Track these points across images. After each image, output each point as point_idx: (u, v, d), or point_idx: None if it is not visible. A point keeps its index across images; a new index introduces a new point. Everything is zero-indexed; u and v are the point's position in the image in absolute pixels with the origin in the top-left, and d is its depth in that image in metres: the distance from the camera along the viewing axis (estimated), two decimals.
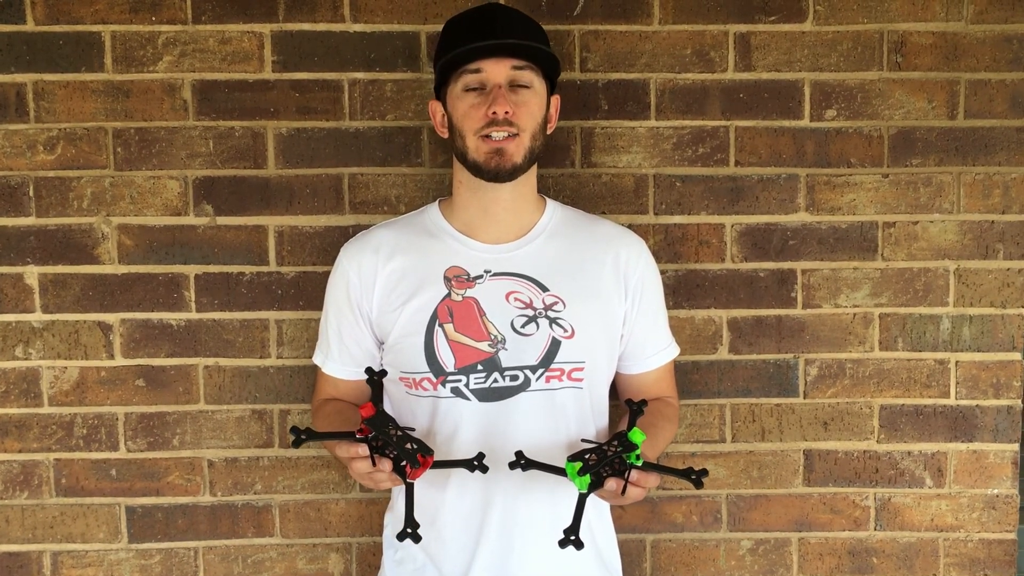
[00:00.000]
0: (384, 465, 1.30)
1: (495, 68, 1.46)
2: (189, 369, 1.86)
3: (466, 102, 1.48)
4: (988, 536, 1.92)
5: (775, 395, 1.90)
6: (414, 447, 1.33)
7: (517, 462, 1.36)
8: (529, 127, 1.48)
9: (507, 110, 1.44)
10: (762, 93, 1.85)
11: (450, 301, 1.51)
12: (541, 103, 1.51)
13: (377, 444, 1.32)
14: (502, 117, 1.45)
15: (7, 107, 1.81)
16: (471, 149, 1.48)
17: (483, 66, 1.46)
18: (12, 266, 1.84)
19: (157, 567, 1.89)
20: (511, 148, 1.47)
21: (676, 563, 1.92)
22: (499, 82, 1.46)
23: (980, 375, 1.90)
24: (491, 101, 1.45)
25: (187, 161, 1.83)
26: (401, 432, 1.33)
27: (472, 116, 1.47)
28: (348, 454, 1.32)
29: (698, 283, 1.88)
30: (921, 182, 1.87)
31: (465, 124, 1.48)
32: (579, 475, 1.31)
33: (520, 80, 1.47)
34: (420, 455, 1.32)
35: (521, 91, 1.48)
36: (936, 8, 1.84)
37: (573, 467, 1.33)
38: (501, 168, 1.47)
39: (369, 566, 1.89)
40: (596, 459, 1.33)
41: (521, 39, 1.46)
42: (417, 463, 1.32)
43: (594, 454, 1.34)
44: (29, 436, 1.86)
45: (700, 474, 1.29)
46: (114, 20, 1.80)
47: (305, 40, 1.82)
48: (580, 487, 1.32)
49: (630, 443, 1.34)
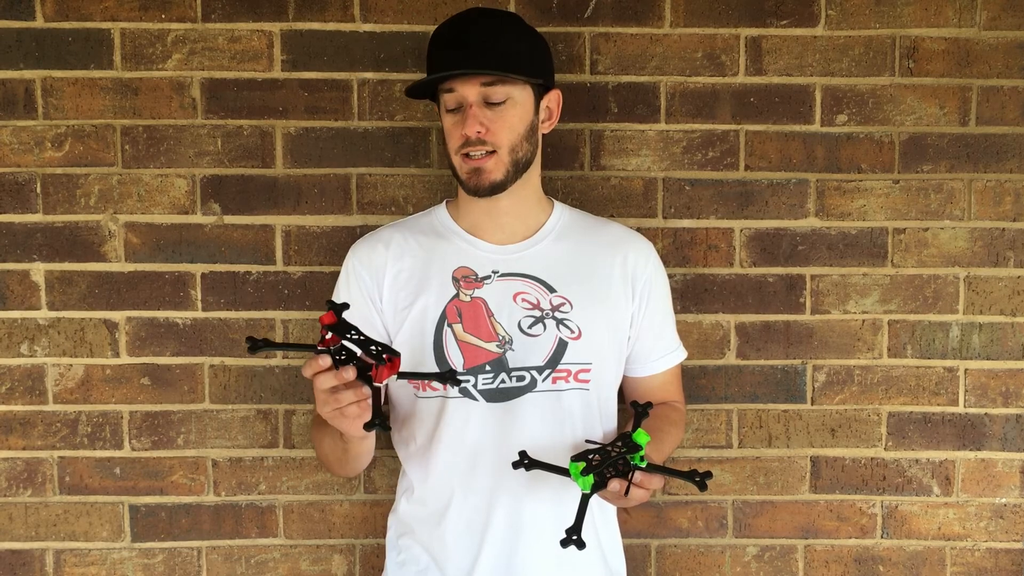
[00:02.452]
0: (348, 372, 1.22)
1: (465, 87, 1.45)
2: (195, 368, 1.86)
3: (448, 120, 1.49)
4: (996, 545, 1.91)
5: (782, 401, 1.89)
6: (378, 349, 1.25)
7: (520, 462, 1.36)
8: (507, 142, 1.47)
9: (478, 130, 1.44)
10: (773, 97, 1.84)
11: (458, 301, 1.50)
12: (524, 112, 1.49)
13: (341, 357, 1.24)
14: (474, 137, 1.45)
15: (15, 103, 1.81)
16: (456, 167, 1.50)
17: (455, 86, 1.46)
18: (18, 263, 1.83)
19: (160, 566, 1.88)
20: (489, 166, 1.47)
21: (681, 569, 1.91)
22: (471, 100, 1.45)
23: (989, 383, 1.88)
24: (463, 121, 1.45)
25: (195, 159, 1.83)
26: (364, 337, 1.26)
27: (452, 135, 1.48)
28: (311, 369, 1.24)
29: (706, 287, 1.87)
30: (932, 188, 1.86)
31: (449, 142, 1.50)
32: (582, 475, 1.30)
33: (493, 97, 1.45)
34: (386, 356, 1.25)
35: (496, 107, 1.46)
36: (948, 14, 1.83)
37: (576, 467, 1.31)
38: (480, 186, 1.48)
39: (372, 568, 1.88)
40: (600, 460, 1.32)
41: (496, 53, 1.44)
42: (383, 361, 1.24)
43: (598, 455, 1.33)
44: (33, 433, 1.86)
45: (704, 476, 1.27)
46: (124, 17, 1.80)
47: (315, 39, 1.82)
48: (583, 487, 1.30)
49: (634, 444, 1.33)
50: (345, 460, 1.48)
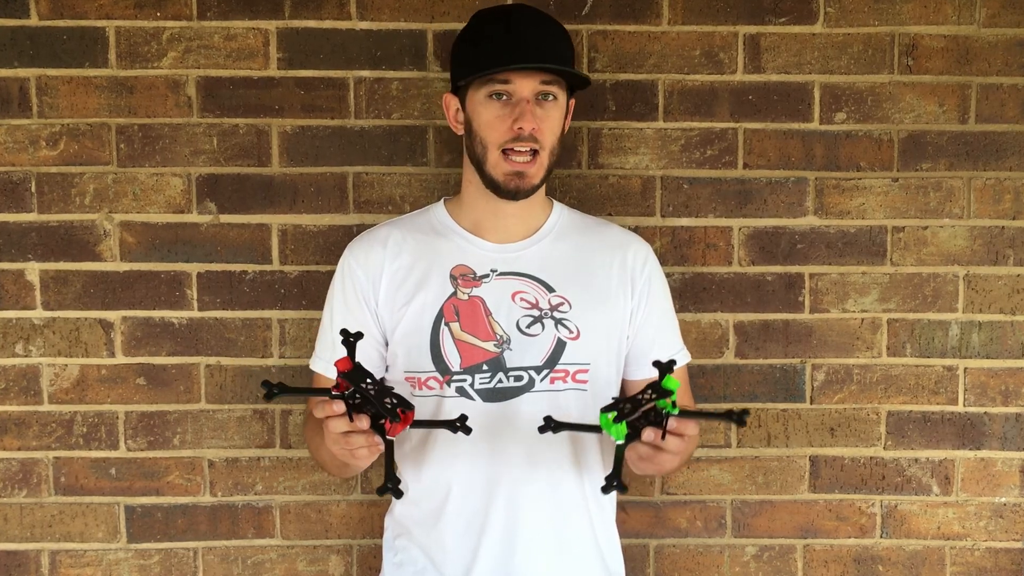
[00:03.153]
0: (361, 422, 1.21)
1: (524, 82, 1.43)
2: (190, 368, 1.85)
3: (490, 111, 1.45)
4: (995, 545, 1.90)
5: (781, 400, 1.88)
6: (393, 402, 1.25)
7: (546, 426, 1.30)
8: (549, 143, 1.46)
9: (533, 127, 1.43)
10: (771, 95, 1.84)
11: (456, 300, 1.49)
12: (561, 115, 1.49)
13: (355, 402, 1.23)
14: (529, 132, 1.43)
15: (10, 102, 1.80)
16: (490, 163, 1.46)
17: (513, 78, 1.43)
18: (13, 262, 1.82)
19: (156, 567, 1.87)
20: (532, 171, 1.45)
21: (680, 569, 1.90)
22: (527, 96, 1.43)
23: (989, 382, 1.88)
24: (518, 115, 1.42)
25: (191, 158, 1.82)
26: (380, 387, 1.25)
27: (496, 128, 1.44)
28: (324, 412, 1.24)
29: (705, 286, 1.86)
30: (931, 187, 1.85)
31: (488, 135, 1.45)
32: (615, 424, 1.24)
33: (548, 92, 1.45)
34: (400, 410, 1.24)
35: (546, 103, 1.45)
36: (948, 11, 1.83)
37: (607, 417, 1.25)
38: (520, 189, 1.46)
39: (370, 568, 1.88)
40: (631, 408, 1.25)
41: (552, 53, 1.44)
42: (397, 418, 1.23)
43: (628, 403, 1.26)
44: (28, 434, 1.85)
45: (742, 413, 1.19)
46: (118, 15, 1.79)
47: (311, 37, 1.81)
48: (617, 437, 1.24)
49: (664, 390, 1.24)
50: (345, 468, 1.49)
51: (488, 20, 1.49)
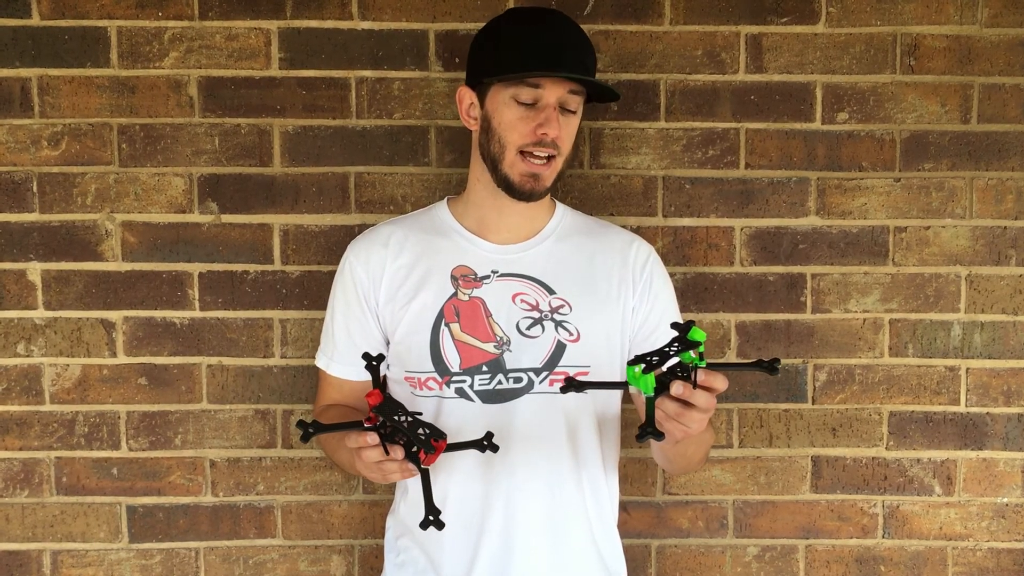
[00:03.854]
0: (396, 453, 1.25)
1: (554, 88, 1.43)
2: (192, 368, 1.85)
3: (514, 112, 1.45)
4: (997, 545, 1.90)
5: (783, 400, 1.88)
6: (426, 432, 1.27)
7: (568, 386, 1.25)
8: (566, 150, 1.48)
9: (557, 134, 1.44)
10: (773, 95, 1.83)
11: (456, 300, 1.49)
12: (577, 124, 1.51)
13: (386, 431, 1.26)
14: (551, 140, 1.44)
15: (11, 102, 1.80)
16: (507, 163, 1.46)
17: (543, 83, 1.43)
18: (15, 262, 1.82)
19: (158, 567, 1.87)
20: (546, 173, 1.46)
21: (681, 569, 1.90)
22: (552, 102, 1.44)
23: (991, 382, 1.88)
24: (544, 120, 1.43)
25: (192, 158, 1.82)
26: (412, 418, 1.28)
27: (519, 130, 1.44)
28: (357, 444, 1.26)
29: (706, 286, 1.86)
30: (933, 187, 1.85)
31: (509, 135, 1.45)
32: (643, 374, 1.19)
33: (570, 104, 1.46)
34: (433, 440, 1.27)
35: (568, 114, 1.47)
36: (950, 11, 1.82)
37: (634, 370, 1.20)
38: (534, 191, 1.47)
39: (371, 568, 1.88)
40: (659, 359, 1.20)
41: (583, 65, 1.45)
42: (431, 448, 1.26)
43: (656, 356, 1.21)
44: (30, 434, 1.85)
45: (773, 362, 1.16)
46: (120, 15, 1.79)
47: (312, 37, 1.81)
48: (645, 390, 1.19)
49: (692, 341, 1.19)
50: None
51: (523, 21, 1.49)
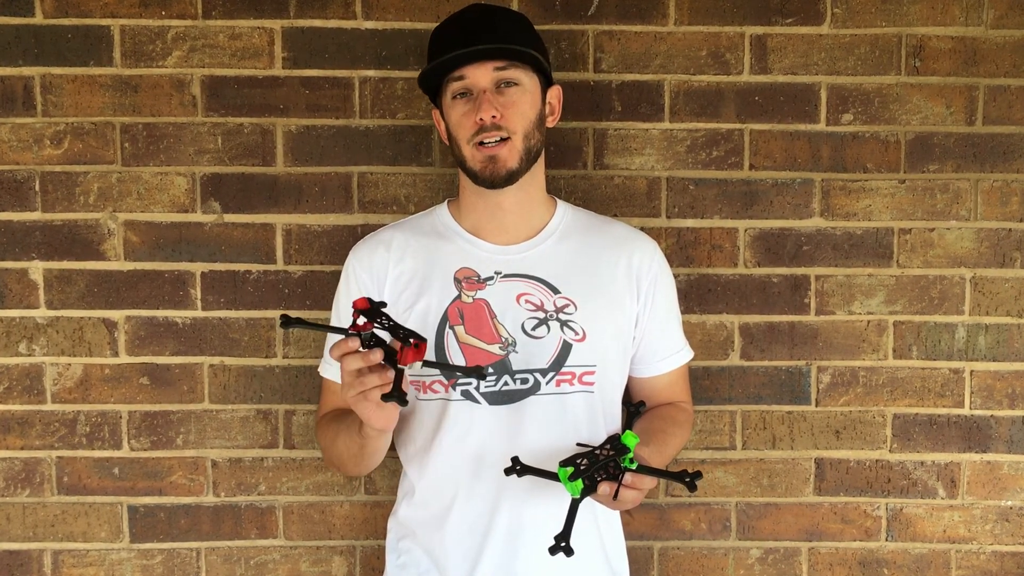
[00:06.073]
0: (375, 356, 1.24)
1: (478, 72, 1.45)
2: (194, 368, 1.84)
3: (457, 110, 1.48)
4: (1001, 548, 1.90)
5: (787, 402, 1.87)
6: (406, 333, 1.26)
7: (512, 468, 1.34)
8: (520, 128, 1.47)
9: (493, 115, 1.44)
10: (778, 96, 1.83)
11: (460, 303, 1.49)
12: (533, 100, 1.49)
13: (370, 343, 1.26)
14: (489, 122, 1.44)
15: (14, 100, 1.80)
16: (467, 158, 1.48)
17: (466, 72, 1.45)
18: (17, 261, 1.82)
19: (159, 567, 1.87)
20: (504, 154, 1.46)
21: (684, 571, 1.89)
22: (484, 86, 1.45)
23: (995, 385, 1.87)
24: (477, 107, 1.44)
25: (195, 157, 1.81)
26: (394, 322, 1.27)
27: (463, 124, 1.47)
28: (340, 351, 1.25)
29: (710, 288, 1.86)
30: (938, 188, 1.85)
31: (458, 132, 1.48)
32: (570, 480, 1.29)
33: (506, 78, 1.46)
34: (413, 340, 1.26)
35: (508, 90, 1.46)
36: (955, 12, 1.82)
37: (565, 472, 1.30)
38: (496, 175, 1.46)
39: (373, 569, 1.87)
40: (588, 464, 1.30)
41: (503, 40, 1.45)
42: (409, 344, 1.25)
43: (586, 458, 1.31)
44: (31, 433, 1.84)
45: (694, 476, 1.24)
46: (123, 14, 1.79)
47: (316, 37, 1.80)
48: (572, 493, 1.29)
49: (623, 446, 1.31)
50: (360, 457, 1.46)
51: (442, 26, 1.53)
